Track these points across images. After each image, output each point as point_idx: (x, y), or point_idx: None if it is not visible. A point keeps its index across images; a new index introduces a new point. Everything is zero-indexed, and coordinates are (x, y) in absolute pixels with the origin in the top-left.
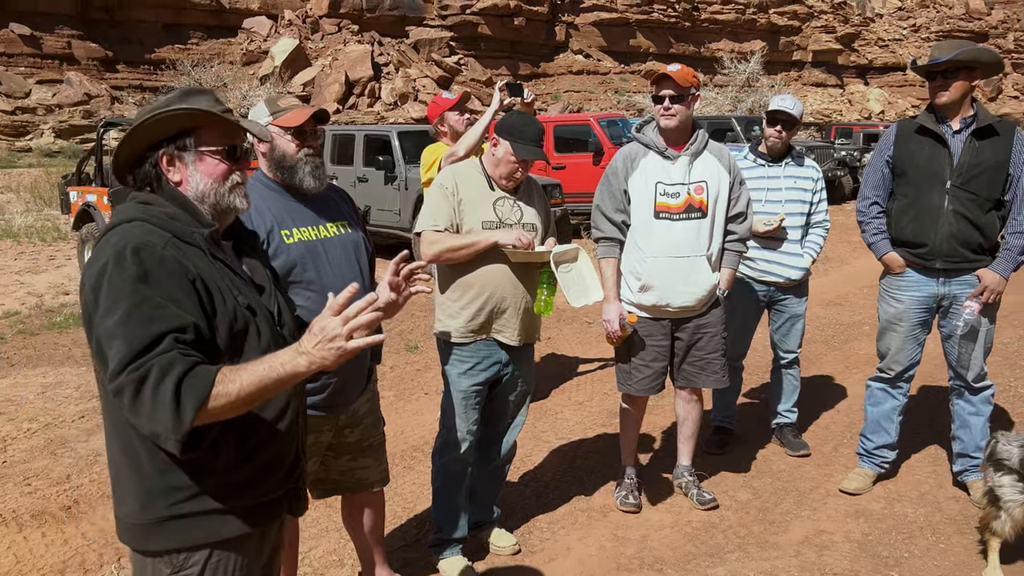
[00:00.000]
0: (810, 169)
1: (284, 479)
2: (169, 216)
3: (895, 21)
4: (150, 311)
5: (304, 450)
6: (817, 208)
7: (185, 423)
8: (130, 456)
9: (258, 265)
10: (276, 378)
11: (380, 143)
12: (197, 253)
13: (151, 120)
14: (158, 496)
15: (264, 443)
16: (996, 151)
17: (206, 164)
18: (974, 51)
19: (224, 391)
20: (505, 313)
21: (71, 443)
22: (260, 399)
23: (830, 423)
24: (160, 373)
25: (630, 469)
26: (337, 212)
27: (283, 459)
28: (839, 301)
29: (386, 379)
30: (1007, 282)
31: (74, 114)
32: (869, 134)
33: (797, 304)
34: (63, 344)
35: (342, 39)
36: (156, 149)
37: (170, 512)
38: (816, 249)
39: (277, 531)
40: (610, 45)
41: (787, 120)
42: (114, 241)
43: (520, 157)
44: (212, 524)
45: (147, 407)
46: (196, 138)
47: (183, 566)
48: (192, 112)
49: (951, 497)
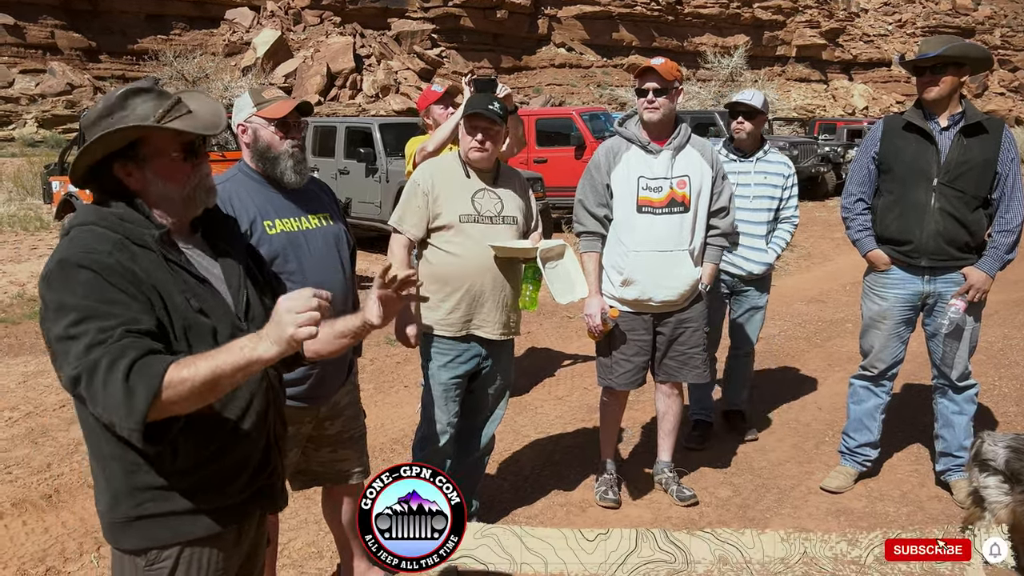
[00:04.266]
0: (781, 165)
1: (250, 480)
2: (120, 218)
3: (880, 16)
4: (101, 311)
5: (279, 447)
6: (787, 204)
7: (137, 409)
8: (98, 458)
9: (230, 254)
10: (234, 363)
11: (361, 135)
12: (149, 256)
13: (96, 141)
14: (124, 497)
15: (225, 445)
16: (984, 148)
17: (165, 167)
18: (963, 46)
19: (179, 377)
20: (484, 307)
21: (52, 432)
22: (220, 387)
23: (812, 421)
24: (111, 360)
25: (610, 464)
26: (319, 204)
27: (247, 461)
28: (822, 298)
29: (366, 372)
30: (993, 281)
31: (57, 104)
32: (853, 130)
33: (758, 297)
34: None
35: (324, 31)
36: (112, 159)
37: (136, 512)
38: (782, 244)
39: (258, 525)
40: (593, 39)
41: (747, 111)
42: (62, 249)
43: (470, 111)
44: (179, 524)
45: (100, 394)
46: (148, 147)
47: (155, 560)
48: (127, 131)
49: (933, 496)
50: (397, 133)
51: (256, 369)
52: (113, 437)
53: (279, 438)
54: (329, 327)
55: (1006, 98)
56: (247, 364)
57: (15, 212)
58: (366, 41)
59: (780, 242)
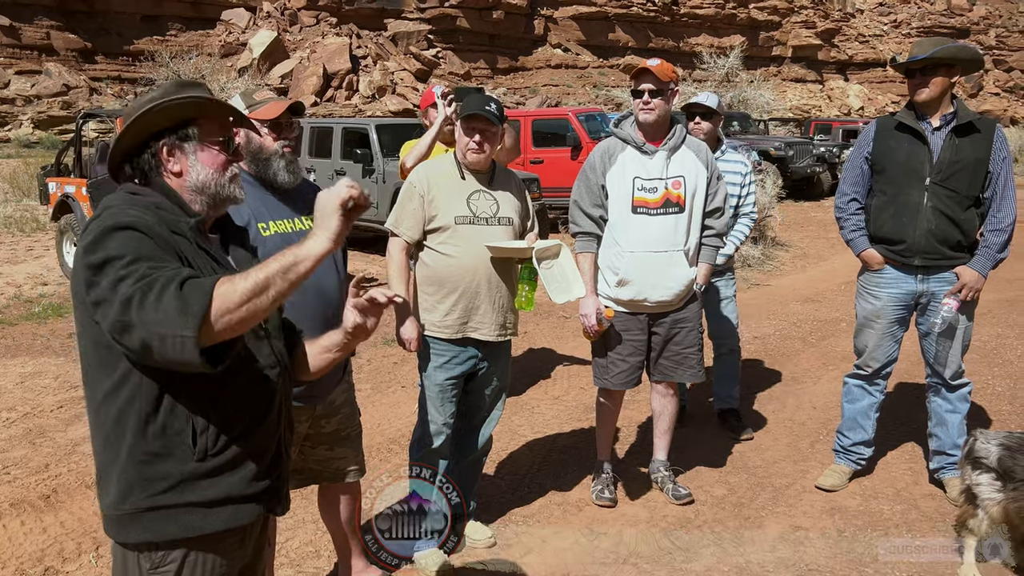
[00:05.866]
0: (739, 164)
1: (265, 473)
2: (156, 205)
3: (876, 17)
4: (154, 255)
5: (287, 449)
6: (745, 200)
7: (193, 313)
8: (111, 449)
9: (246, 259)
10: (282, 265)
11: (358, 136)
12: (183, 241)
13: (157, 108)
14: (135, 487)
15: (245, 432)
16: (976, 148)
17: (207, 154)
18: (953, 48)
19: (231, 285)
20: (481, 308)
21: (50, 432)
22: (270, 294)
23: (807, 419)
24: (165, 280)
25: (606, 464)
26: (312, 205)
27: (264, 452)
28: (817, 297)
29: (363, 372)
30: (985, 280)
31: (53, 105)
32: (848, 130)
33: (725, 287)
34: (41, 334)
35: (320, 31)
36: (157, 139)
37: (148, 503)
38: (741, 239)
39: (261, 530)
40: (589, 39)
41: (703, 112)
42: (106, 216)
43: (466, 112)
44: (188, 519)
45: (152, 309)
46: (198, 128)
47: (161, 563)
48: (200, 101)
49: (927, 494)
50: (394, 134)
51: (305, 269)
52: (134, 425)
53: (288, 440)
54: (313, 344)
55: (1001, 98)
56: (294, 263)
57: (11, 213)
58: (362, 42)
59: (739, 235)
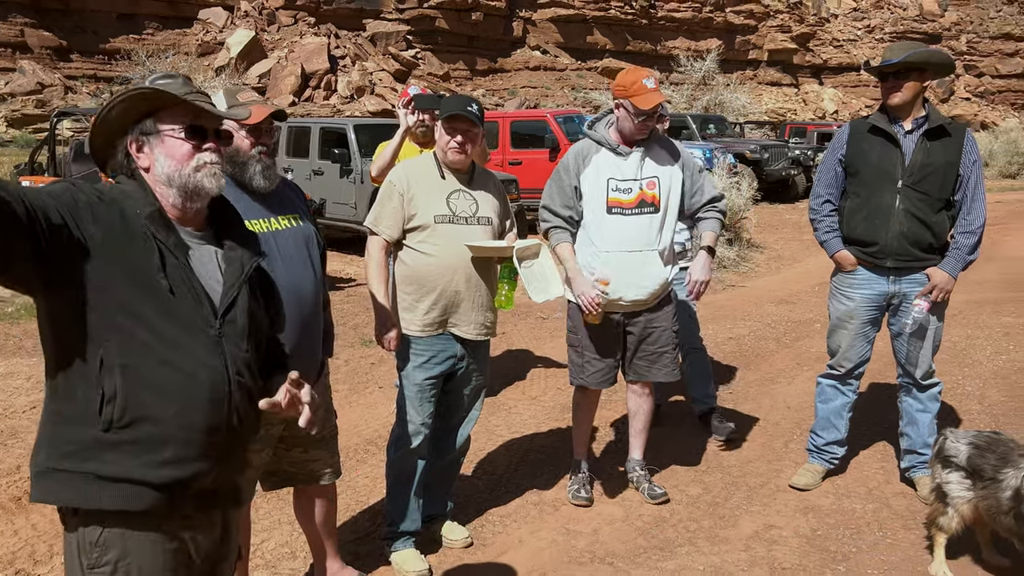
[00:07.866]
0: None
1: (179, 466)
2: (121, 190)
3: (850, 22)
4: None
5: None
6: None
7: None
8: (44, 409)
9: (237, 260)
10: None
11: (336, 136)
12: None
13: (115, 105)
14: (44, 446)
15: (158, 418)
16: (947, 151)
17: (167, 146)
18: (925, 53)
19: None
20: (461, 307)
21: (21, 434)
22: None
23: (780, 419)
24: None
25: (583, 462)
26: (289, 205)
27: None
28: (791, 299)
29: (340, 373)
30: (956, 281)
31: (27, 103)
32: (823, 133)
33: (679, 288)
34: (14, 335)
35: (298, 31)
36: (125, 136)
37: (51, 464)
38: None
39: (222, 523)
40: (567, 41)
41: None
42: None
43: (447, 113)
44: (85, 488)
45: None
46: (156, 119)
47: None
48: (146, 93)
49: (899, 493)
50: (372, 134)
51: None
52: (52, 385)
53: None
54: None
55: (972, 103)
56: None
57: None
58: (341, 42)
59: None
